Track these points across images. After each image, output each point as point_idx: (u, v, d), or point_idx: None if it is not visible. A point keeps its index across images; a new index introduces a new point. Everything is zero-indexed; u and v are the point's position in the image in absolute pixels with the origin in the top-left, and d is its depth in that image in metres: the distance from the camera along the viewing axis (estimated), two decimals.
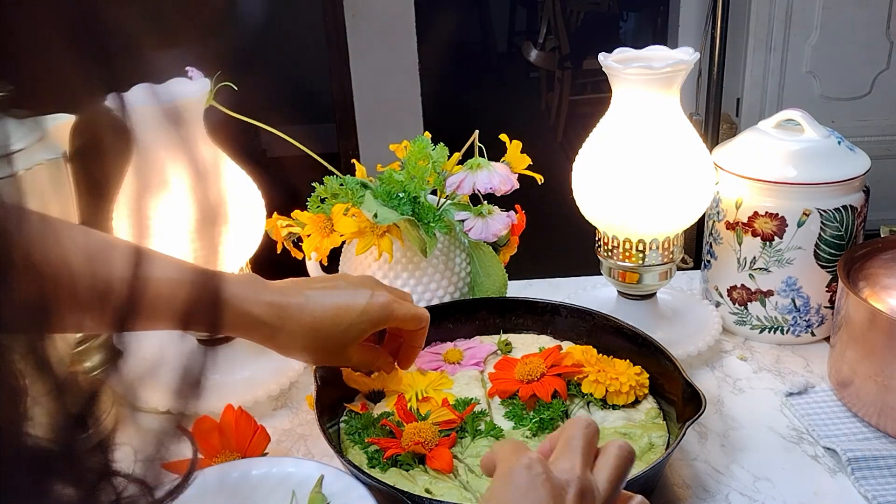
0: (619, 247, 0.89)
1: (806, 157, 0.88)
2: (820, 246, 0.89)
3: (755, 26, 2.63)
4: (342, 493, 0.67)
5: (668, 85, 0.82)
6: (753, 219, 0.90)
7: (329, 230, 0.87)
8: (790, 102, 2.62)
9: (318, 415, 0.73)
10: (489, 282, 0.92)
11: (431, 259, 0.89)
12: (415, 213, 0.86)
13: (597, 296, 0.99)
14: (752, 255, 0.91)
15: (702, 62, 2.14)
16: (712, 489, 0.73)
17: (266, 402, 0.87)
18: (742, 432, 0.81)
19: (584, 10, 4.33)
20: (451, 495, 0.67)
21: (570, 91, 3.96)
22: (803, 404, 0.83)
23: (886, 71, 2.67)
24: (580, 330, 0.87)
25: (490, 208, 0.89)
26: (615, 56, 0.85)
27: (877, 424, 0.79)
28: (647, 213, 0.85)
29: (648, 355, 0.80)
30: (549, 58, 4.14)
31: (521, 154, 0.92)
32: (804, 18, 2.61)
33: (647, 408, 0.78)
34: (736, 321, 0.96)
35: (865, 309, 0.77)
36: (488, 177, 0.86)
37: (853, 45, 2.63)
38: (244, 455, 0.73)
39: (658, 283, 0.91)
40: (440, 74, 3.50)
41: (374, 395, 0.81)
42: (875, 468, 0.73)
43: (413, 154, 0.87)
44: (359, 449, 0.73)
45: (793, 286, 0.91)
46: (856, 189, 0.89)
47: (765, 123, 0.93)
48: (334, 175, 0.89)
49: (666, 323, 0.93)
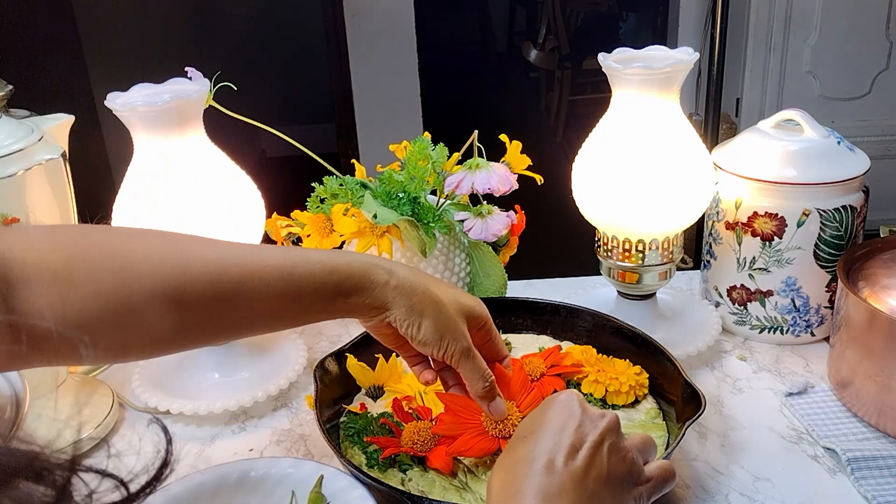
0: (618, 247, 0.89)
1: (805, 157, 0.88)
2: (819, 246, 0.89)
3: (755, 26, 2.63)
4: (341, 493, 0.67)
5: (668, 85, 0.82)
6: (753, 219, 0.90)
7: (329, 230, 0.87)
8: (790, 102, 2.63)
9: (318, 415, 0.73)
10: (489, 282, 0.93)
11: (431, 259, 0.89)
12: (414, 214, 0.86)
13: (596, 296, 0.99)
14: (751, 255, 0.91)
15: (701, 62, 2.14)
16: (712, 489, 0.73)
17: (266, 402, 0.87)
18: (742, 432, 0.81)
19: (584, 11, 4.34)
20: (451, 496, 0.67)
21: (570, 91, 3.96)
22: (803, 404, 0.83)
23: (886, 71, 2.67)
24: (580, 330, 0.87)
25: (490, 208, 0.89)
26: (615, 56, 0.85)
27: (876, 424, 0.79)
28: (647, 213, 0.85)
29: (648, 355, 0.80)
30: (548, 58, 4.14)
31: (520, 154, 0.92)
32: (804, 19, 2.61)
33: (646, 408, 0.78)
34: (736, 321, 0.96)
35: (865, 309, 0.77)
36: (487, 177, 0.86)
37: (853, 46, 2.63)
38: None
39: (658, 283, 0.91)
40: (440, 74, 3.50)
41: (374, 393, 0.81)
42: (875, 468, 0.73)
43: (413, 154, 0.87)
44: (358, 449, 0.73)
45: (792, 286, 0.91)
46: (855, 189, 0.89)
47: (764, 123, 0.93)
48: (334, 175, 0.89)
49: (666, 323, 0.93)
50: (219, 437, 0.83)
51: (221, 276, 0.55)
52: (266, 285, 0.56)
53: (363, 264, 0.60)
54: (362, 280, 0.60)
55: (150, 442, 0.36)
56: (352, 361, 0.80)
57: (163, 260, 0.54)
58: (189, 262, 0.54)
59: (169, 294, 0.53)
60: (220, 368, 0.89)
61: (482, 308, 0.67)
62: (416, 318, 0.62)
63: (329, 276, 0.58)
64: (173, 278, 0.53)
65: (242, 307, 0.57)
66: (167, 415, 0.84)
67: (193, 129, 0.81)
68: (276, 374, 0.88)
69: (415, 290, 0.61)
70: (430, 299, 0.62)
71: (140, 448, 0.36)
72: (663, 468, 0.60)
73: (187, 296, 0.53)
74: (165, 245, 0.56)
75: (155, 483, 0.33)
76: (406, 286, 0.61)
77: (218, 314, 0.56)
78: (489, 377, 0.66)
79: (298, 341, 0.94)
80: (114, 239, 0.55)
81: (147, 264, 0.53)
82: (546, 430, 0.56)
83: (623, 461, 0.57)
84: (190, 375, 0.89)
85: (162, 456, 0.34)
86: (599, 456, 0.55)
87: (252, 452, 0.81)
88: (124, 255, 0.53)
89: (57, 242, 0.52)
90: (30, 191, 0.75)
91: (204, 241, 0.58)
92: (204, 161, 0.82)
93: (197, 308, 0.54)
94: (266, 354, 0.92)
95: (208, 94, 0.82)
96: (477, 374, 0.65)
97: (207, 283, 0.54)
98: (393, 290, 0.61)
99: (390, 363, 0.82)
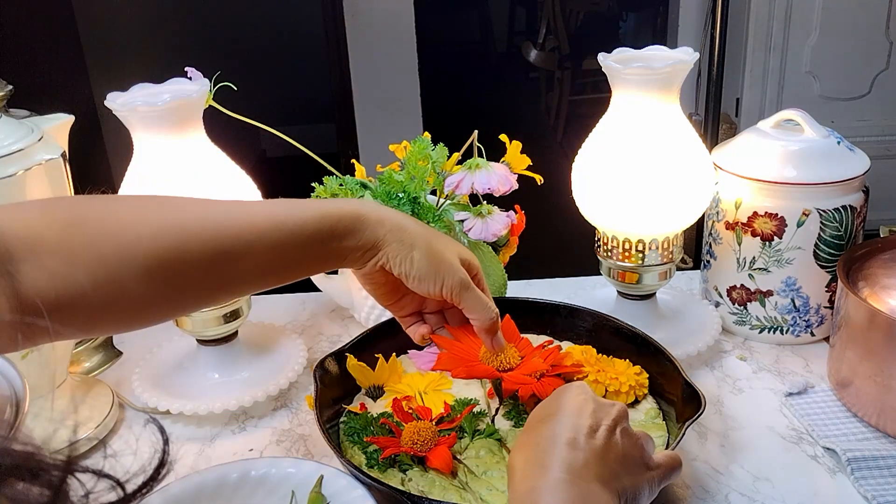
0: (618, 247, 0.89)
1: (805, 157, 0.88)
2: (819, 246, 0.89)
3: (755, 26, 2.63)
4: (341, 493, 0.67)
5: (668, 85, 0.82)
6: (753, 219, 0.90)
7: None
8: (789, 102, 2.63)
9: (318, 415, 0.73)
10: (489, 282, 0.92)
11: None
12: (414, 214, 0.86)
13: (596, 296, 0.99)
14: (751, 255, 0.91)
15: (701, 62, 2.14)
16: (712, 489, 0.73)
17: (266, 402, 0.87)
18: (742, 432, 0.81)
19: (584, 11, 4.34)
20: (451, 496, 0.67)
21: (570, 91, 3.97)
22: (803, 404, 0.83)
23: (886, 71, 2.67)
24: (580, 330, 0.87)
25: (489, 208, 0.89)
26: (615, 56, 0.85)
27: (876, 424, 0.79)
28: (647, 213, 0.85)
29: (648, 355, 0.80)
30: (548, 58, 4.14)
31: (520, 154, 0.92)
32: (804, 18, 2.61)
33: (646, 408, 0.78)
34: (735, 321, 0.96)
35: (865, 309, 0.77)
36: (486, 177, 0.86)
37: (852, 46, 2.63)
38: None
39: (658, 283, 0.91)
40: (440, 74, 3.50)
41: (374, 393, 0.81)
42: (875, 468, 0.73)
43: (413, 154, 0.87)
44: (358, 449, 0.73)
45: (792, 286, 0.91)
46: (855, 189, 0.89)
47: (764, 123, 0.93)
48: (334, 175, 0.89)
49: (665, 323, 0.93)
50: (219, 437, 0.83)
51: (219, 234, 0.56)
52: (262, 237, 0.57)
53: (354, 206, 0.62)
54: (354, 222, 0.61)
55: (148, 442, 0.36)
56: (352, 361, 0.80)
57: (160, 222, 0.54)
58: (187, 221, 0.55)
59: (170, 254, 0.53)
60: (220, 368, 0.89)
61: (473, 258, 0.68)
62: (408, 251, 0.62)
63: (321, 221, 0.59)
64: (172, 238, 0.54)
65: (241, 261, 0.58)
66: (167, 415, 0.84)
67: (193, 129, 0.81)
68: (276, 374, 0.88)
69: (405, 228, 0.63)
70: (422, 235, 0.63)
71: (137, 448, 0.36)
72: (671, 457, 0.61)
73: (187, 254, 0.54)
74: (161, 208, 0.57)
75: (152, 483, 0.33)
76: (396, 224, 0.63)
77: (217, 271, 0.57)
78: (494, 307, 0.66)
79: (298, 341, 0.94)
80: (109, 206, 0.56)
81: (146, 227, 0.54)
82: (565, 412, 0.59)
83: (635, 445, 0.59)
84: (190, 375, 0.89)
85: (159, 456, 0.34)
86: (615, 438, 0.58)
87: (252, 452, 0.81)
88: (121, 221, 0.54)
89: (54, 216, 0.52)
90: (30, 191, 0.75)
91: (198, 202, 0.59)
92: (204, 161, 0.82)
93: (197, 265, 0.55)
94: (266, 354, 0.92)
95: (208, 94, 0.82)
96: (481, 303, 0.66)
97: (206, 241, 0.55)
98: (383, 227, 0.62)
99: (390, 363, 0.82)
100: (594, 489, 0.53)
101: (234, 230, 0.57)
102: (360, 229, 0.61)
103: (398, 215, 0.64)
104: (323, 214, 0.60)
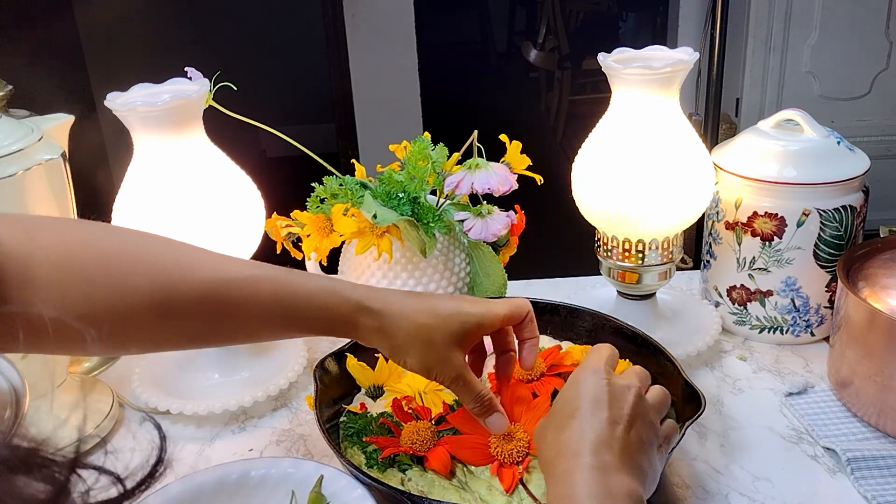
0: (618, 247, 0.89)
1: (805, 157, 0.88)
2: (819, 246, 0.89)
3: (755, 26, 2.63)
4: (341, 493, 0.67)
5: (668, 85, 0.82)
6: (753, 219, 0.90)
7: (328, 230, 0.87)
8: (789, 102, 2.63)
9: (318, 415, 0.73)
10: (489, 282, 0.92)
11: (431, 259, 0.89)
12: (414, 214, 0.86)
13: (596, 296, 0.99)
14: (751, 255, 0.91)
15: (701, 62, 2.14)
16: (712, 489, 0.73)
17: (266, 402, 0.87)
18: (741, 432, 0.81)
19: (584, 11, 4.34)
20: (450, 495, 0.67)
21: (570, 91, 3.96)
22: (803, 404, 0.83)
23: (886, 71, 2.67)
24: (580, 330, 0.87)
25: (489, 208, 0.89)
26: (614, 56, 0.85)
27: (876, 424, 0.79)
28: (647, 213, 0.85)
29: (648, 355, 0.80)
30: (548, 58, 4.14)
31: (520, 154, 0.91)
32: (804, 18, 2.61)
33: None
34: (735, 321, 0.96)
35: (865, 309, 0.77)
36: (486, 177, 0.86)
37: (852, 45, 2.63)
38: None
39: (657, 283, 0.91)
40: (440, 74, 3.50)
41: (374, 393, 0.81)
42: (874, 468, 0.73)
43: (413, 154, 0.87)
44: (358, 449, 0.73)
45: (792, 286, 0.91)
46: (855, 189, 0.89)
47: (764, 123, 0.93)
48: (334, 175, 0.89)
49: (665, 323, 0.93)
50: (219, 437, 0.83)
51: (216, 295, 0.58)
52: (261, 309, 0.60)
53: (352, 308, 0.63)
54: (347, 326, 0.64)
55: (145, 439, 0.36)
56: (352, 361, 0.80)
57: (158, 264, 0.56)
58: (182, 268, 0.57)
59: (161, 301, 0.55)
60: (220, 368, 0.89)
61: (516, 308, 0.68)
62: (401, 357, 0.65)
63: (318, 313, 0.62)
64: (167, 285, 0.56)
65: (237, 319, 0.60)
66: (167, 415, 0.84)
67: (193, 129, 0.81)
68: (275, 374, 0.88)
69: (398, 332, 0.64)
70: (417, 336, 0.64)
71: (135, 446, 0.36)
72: (671, 426, 0.66)
73: (176, 307, 0.56)
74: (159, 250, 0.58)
75: (150, 480, 0.33)
76: (391, 328, 0.63)
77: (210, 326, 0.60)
78: (481, 398, 0.67)
79: (298, 341, 0.94)
80: (110, 241, 0.57)
81: (142, 265, 0.55)
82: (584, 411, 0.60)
83: (652, 427, 0.62)
84: (190, 375, 0.89)
85: (156, 453, 0.35)
86: (635, 431, 0.60)
87: (252, 452, 0.81)
88: (118, 259, 0.55)
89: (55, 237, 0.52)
90: (30, 191, 0.75)
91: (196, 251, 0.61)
92: (204, 161, 0.82)
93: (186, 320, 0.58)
94: (266, 354, 0.92)
95: (208, 94, 0.82)
96: (469, 396, 0.67)
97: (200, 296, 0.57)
98: (376, 335, 0.64)
99: (390, 363, 0.82)
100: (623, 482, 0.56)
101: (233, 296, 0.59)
102: (352, 332, 0.64)
103: (403, 307, 0.64)
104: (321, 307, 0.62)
